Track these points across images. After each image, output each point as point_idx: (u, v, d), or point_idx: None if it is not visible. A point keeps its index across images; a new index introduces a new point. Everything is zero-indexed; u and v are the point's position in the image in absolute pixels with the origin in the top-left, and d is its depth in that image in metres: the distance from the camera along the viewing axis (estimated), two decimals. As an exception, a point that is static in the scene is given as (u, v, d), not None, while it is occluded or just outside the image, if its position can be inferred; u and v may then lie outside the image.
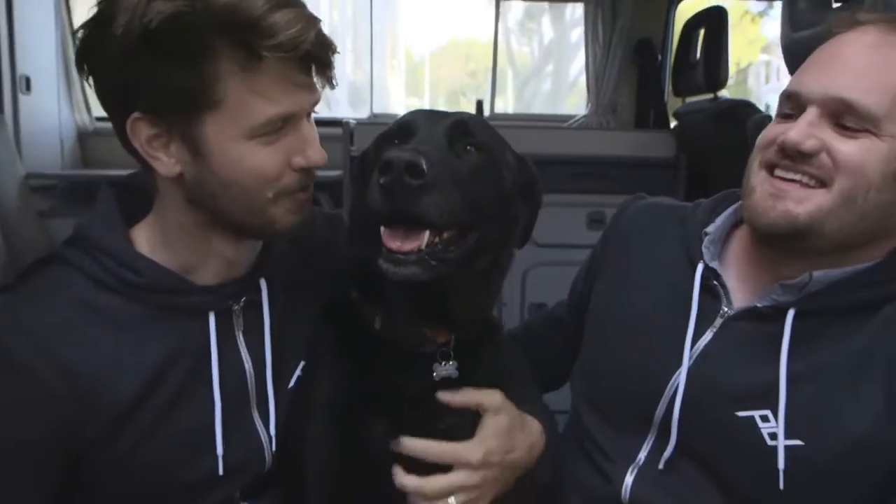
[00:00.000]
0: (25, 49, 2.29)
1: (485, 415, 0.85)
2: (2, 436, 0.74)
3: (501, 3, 3.01)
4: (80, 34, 0.75)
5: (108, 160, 2.54)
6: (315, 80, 0.79)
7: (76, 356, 0.74)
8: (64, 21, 2.51)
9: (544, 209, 0.92)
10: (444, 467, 0.81)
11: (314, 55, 0.76)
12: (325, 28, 0.78)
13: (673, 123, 2.62)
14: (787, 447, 0.79)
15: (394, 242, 0.72)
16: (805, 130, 0.78)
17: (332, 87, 0.81)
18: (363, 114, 3.21)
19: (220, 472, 0.82)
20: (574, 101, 3.83)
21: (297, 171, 0.79)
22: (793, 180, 0.80)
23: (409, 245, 0.72)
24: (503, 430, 0.84)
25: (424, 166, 0.68)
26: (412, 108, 0.94)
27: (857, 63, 0.79)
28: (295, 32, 0.71)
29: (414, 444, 0.81)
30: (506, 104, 4.37)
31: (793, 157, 0.79)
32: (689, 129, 2.33)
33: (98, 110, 2.56)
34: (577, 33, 3.01)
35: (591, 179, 2.27)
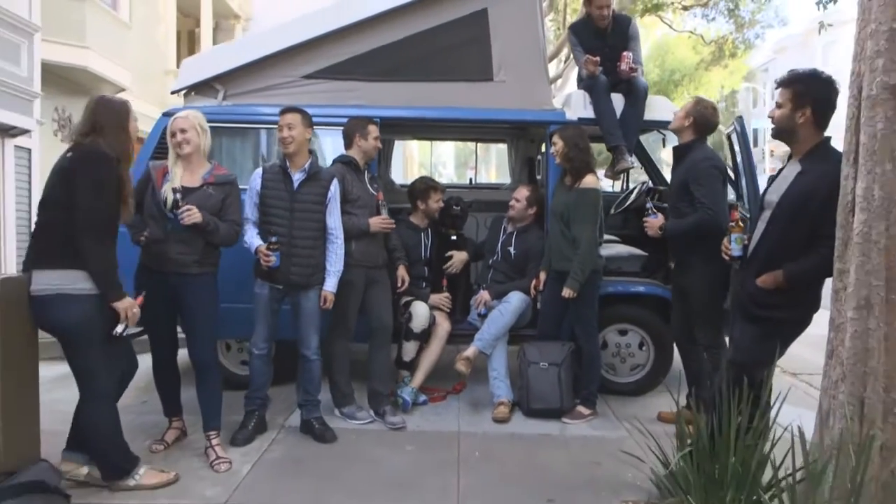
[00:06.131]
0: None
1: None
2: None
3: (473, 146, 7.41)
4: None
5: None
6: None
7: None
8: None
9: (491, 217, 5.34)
10: None
11: (441, 189, 5.10)
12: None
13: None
14: (512, 252, 5.02)
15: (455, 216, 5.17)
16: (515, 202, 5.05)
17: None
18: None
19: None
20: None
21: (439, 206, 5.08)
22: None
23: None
24: None
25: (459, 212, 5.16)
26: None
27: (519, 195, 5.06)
28: (438, 185, 5.06)
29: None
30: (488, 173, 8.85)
31: (510, 206, 5.06)
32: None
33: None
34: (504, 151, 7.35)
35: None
